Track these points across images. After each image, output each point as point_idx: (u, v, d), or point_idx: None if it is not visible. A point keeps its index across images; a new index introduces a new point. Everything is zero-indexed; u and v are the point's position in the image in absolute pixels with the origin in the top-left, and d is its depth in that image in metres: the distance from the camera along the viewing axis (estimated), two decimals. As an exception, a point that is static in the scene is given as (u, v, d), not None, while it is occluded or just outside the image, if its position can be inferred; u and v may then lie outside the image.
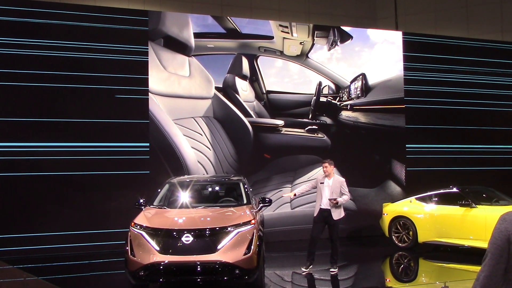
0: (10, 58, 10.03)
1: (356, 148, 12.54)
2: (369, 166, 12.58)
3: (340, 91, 12.56)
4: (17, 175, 9.97)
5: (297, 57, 12.30)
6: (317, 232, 7.95)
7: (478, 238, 8.91)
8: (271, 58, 12.15)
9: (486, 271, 2.25)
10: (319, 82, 12.37)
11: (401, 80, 12.94)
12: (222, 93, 11.60)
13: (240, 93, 11.73)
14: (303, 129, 12.16)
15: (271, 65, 12.15)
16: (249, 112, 11.75)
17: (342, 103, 12.53)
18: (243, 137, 11.72)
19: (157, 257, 6.28)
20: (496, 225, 2.27)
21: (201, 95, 11.48)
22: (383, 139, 12.77)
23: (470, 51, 13.57)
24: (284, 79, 12.23)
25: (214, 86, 11.54)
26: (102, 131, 10.52)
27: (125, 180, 10.57)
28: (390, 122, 12.88)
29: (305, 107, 12.26)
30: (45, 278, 7.22)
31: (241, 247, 6.42)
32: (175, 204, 7.56)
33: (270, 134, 11.93)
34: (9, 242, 9.69)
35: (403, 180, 12.75)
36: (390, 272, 9.07)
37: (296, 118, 12.17)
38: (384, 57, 13.04)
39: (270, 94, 12.03)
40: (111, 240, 9.94)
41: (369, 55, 12.96)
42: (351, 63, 12.76)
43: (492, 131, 13.67)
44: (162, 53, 11.22)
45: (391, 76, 12.99)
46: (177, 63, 11.34)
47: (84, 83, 10.49)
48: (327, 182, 7.95)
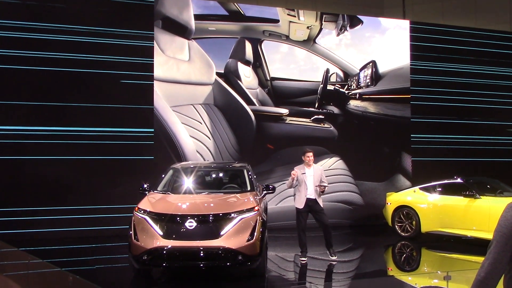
0: (13, 41, 10.01)
1: (365, 139, 12.36)
2: (378, 159, 12.39)
3: (348, 79, 12.31)
4: (22, 159, 10.00)
5: (304, 42, 12.03)
6: (305, 223, 7.93)
7: (482, 229, 8.90)
8: (276, 43, 11.81)
9: (491, 258, 2.25)
10: (326, 69, 12.14)
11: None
12: (224, 79, 11.27)
13: (243, 79, 11.41)
14: (309, 119, 11.93)
15: (276, 50, 11.87)
16: (252, 99, 11.45)
17: (350, 92, 12.30)
18: (245, 126, 11.38)
19: (160, 242, 6.31)
20: (503, 213, 2.26)
21: (201, 81, 11.11)
22: (393, 131, 12.61)
23: (478, 41, 13.47)
24: (290, 65, 11.96)
25: (215, 71, 11.21)
26: (107, 116, 10.51)
27: (129, 165, 10.59)
28: (400, 113, 12.70)
29: (311, 95, 12.01)
30: (49, 261, 7.27)
31: (244, 234, 6.44)
32: (179, 190, 7.58)
33: (273, 124, 11.65)
34: (14, 225, 9.76)
35: (411, 173, 12.67)
36: (392, 261, 9.09)
37: (302, 107, 11.91)
38: (396, 44, 12.78)
39: (275, 81, 11.77)
40: (115, 224, 9.98)
41: (380, 41, 12.69)
42: (361, 49, 12.49)
43: (499, 122, 13.62)
44: (160, 36, 10.89)
45: (402, 64, 12.76)
46: (176, 47, 10.96)
47: (88, 67, 10.46)
48: (308, 172, 7.88)
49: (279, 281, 7.26)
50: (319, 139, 11.93)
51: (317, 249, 8.55)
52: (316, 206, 7.80)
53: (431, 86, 12.96)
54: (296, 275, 7.76)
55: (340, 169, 12.07)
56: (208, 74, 11.21)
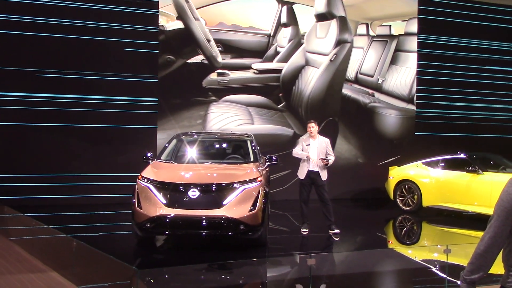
0: (19, 6, 9.92)
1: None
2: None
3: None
4: (26, 125, 10.03)
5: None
6: (307, 195, 7.89)
7: (483, 205, 8.94)
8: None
9: (491, 232, 2.27)
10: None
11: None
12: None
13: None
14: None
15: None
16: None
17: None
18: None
19: (163, 210, 6.38)
20: (505, 187, 2.27)
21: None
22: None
23: (487, 15, 13.29)
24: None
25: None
26: (112, 85, 10.49)
27: (133, 134, 10.62)
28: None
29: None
30: (54, 227, 7.36)
31: (247, 204, 6.49)
32: (182, 159, 7.61)
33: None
34: (19, 191, 9.86)
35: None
36: (393, 235, 9.17)
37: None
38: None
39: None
40: (119, 192, 10.06)
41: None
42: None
43: (505, 98, 13.54)
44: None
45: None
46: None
47: (93, 35, 10.38)
48: (312, 143, 7.81)
49: (279, 250, 7.34)
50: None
51: (319, 221, 8.59)
52: (318, 179, 7.77)
53: (438, 60, 12.84)
54: (297, 246, 7.83)
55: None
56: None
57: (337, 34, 12.02)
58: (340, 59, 12.11)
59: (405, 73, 12.61)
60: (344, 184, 11.81)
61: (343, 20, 12.04)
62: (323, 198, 7.82)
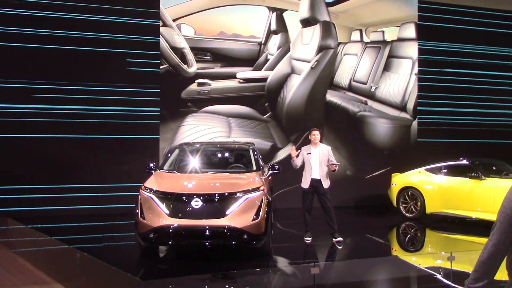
0: (19, 18, 9.99)
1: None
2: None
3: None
4: (29, 137, 10.07)
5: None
6: (310, 203, 7.87)
7: (486, 211, 8.91)
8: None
9: (495, 239, 2.26)
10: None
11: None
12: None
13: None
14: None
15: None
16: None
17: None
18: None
19: (166, 220, 6.37)
20: (507, 194, 2.26)
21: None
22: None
23: (487, 21, 13.33)
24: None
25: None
26: (114, 95, 10.54)
27: (136, 144, 10.65)
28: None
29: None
30: (57, 238, 7.36)
31: (250, 213, 6.48)
32: (185, 169, 7.62)
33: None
34: (22, 203, 9.87)
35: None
36: (396, 242, 9.14)
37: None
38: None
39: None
40: (122, 203, 10.07)
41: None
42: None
43: (507, 104, 13.54)
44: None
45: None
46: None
47: (95, 46, 10.44)
48: (314, 151, 7.79)
49: (283, 259, 7.32)
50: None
51: (322, 229, 8.56)
52: (320, 187, 7.76)
53: (439, 67, 12.87)
54: (301, 254, 7.81)
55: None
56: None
57: (319, 40, 11.83)
58: (322, 66, 11.84)
59: (398, 79, 12.44)
60: (345, 192, 11.74)
61: (326, 25, 11.82)
62: (326, 206, 7.80)
